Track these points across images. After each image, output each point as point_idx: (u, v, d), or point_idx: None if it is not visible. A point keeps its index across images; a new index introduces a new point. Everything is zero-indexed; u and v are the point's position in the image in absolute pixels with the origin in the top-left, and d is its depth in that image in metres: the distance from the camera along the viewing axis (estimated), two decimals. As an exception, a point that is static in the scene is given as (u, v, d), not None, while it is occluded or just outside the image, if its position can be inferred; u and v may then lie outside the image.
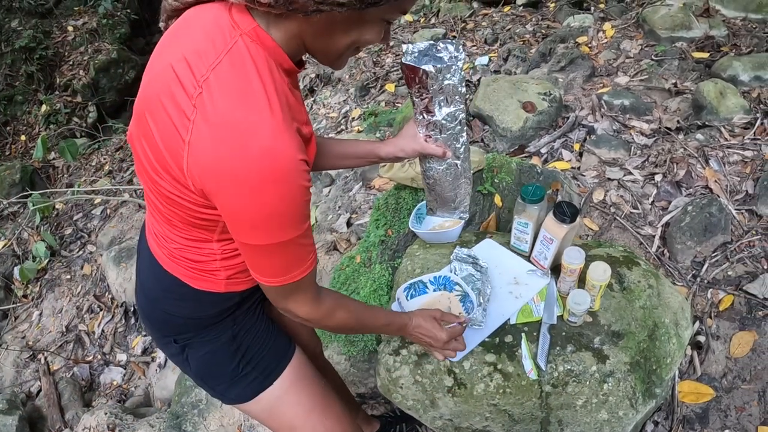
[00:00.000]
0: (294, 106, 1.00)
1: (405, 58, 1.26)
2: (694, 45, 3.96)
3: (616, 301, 1.65)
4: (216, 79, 0.89)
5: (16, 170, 5.81)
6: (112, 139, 6.54)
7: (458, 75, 1.26)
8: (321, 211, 3.51)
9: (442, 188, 1.55)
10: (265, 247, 1.00)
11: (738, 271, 2.41)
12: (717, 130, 3.08)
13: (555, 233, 1.60)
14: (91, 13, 7.88)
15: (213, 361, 1.37)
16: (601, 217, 2.76)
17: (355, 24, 0.97)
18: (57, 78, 7.20)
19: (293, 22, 0.96)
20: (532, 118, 3.33)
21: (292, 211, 0.96)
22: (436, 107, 1.31)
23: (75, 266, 4.50)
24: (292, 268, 1.06)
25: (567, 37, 4.49)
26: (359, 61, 5.35)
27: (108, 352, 3.70)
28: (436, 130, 1.38)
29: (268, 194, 0.91)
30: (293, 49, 1.01)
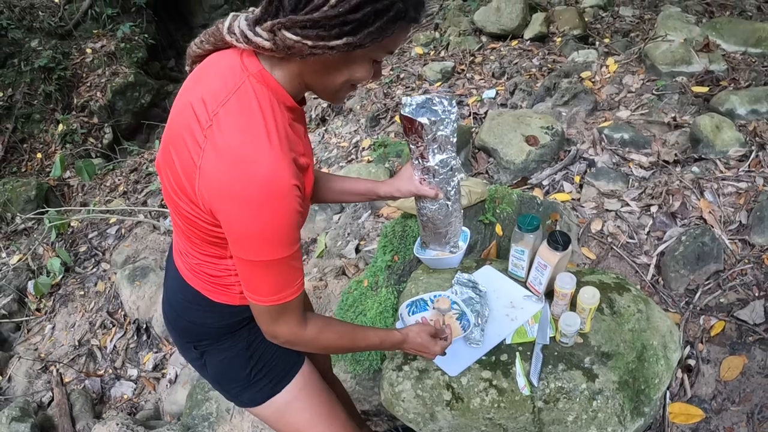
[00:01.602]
0: (292, 139, 1.13)
1: (403, 110, 1.40)
2: (693, 79, 4.06)
3: (606, 324, 1.76)
4: (225, 114, 1.05)
5: (31, 187, 5.91)
6: (126, 161, 6.65)
7: (451, 127, 1.39)
8: (331, 238, 3.61)
9: (435, 225, 1.68)
10: (260, 264, 1.12)
11: (730, 298, 2.50)
12: (713, 163, 3.18)
13: (549, 260, 1.73)
14: (110, 36, 8.06)
15: (228, 366, 1.49)
16: (599, 246, 2.86)
17: (346, 64, 1.11)
18: (74, 98, 7.32)
19: (293, 64, 1.12)
20: (534, 151, 3.45)
21: (285, 231, 1.09)
22: (430, 154, 1.44)
23: (89, 283, 4.56)
24: (282, 288, 1.16)
25: (571, 72, 4.61)
26: (370, 93, 5.48)
27: (119, 366, 3.77)
28: (429, 174, 1.50)
29: (265, 214, 1.04)
30: (295, 87, 1.17)
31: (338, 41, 1.02)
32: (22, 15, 7.44)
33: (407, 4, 1.05)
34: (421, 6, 1.10)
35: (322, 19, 0.99)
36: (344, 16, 1.00)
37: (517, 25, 5.77)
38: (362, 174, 3.74)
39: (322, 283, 3.22)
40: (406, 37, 1.15)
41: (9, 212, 5.79)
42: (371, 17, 1.01)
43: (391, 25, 1.05)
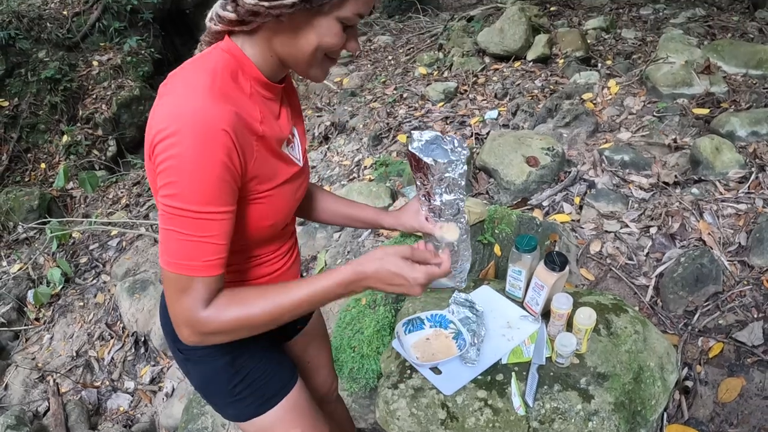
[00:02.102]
0: (244, 103, 1.11)
1: (410, 145, 1.33)
2: (694, 101, 4.09)
3: (603, 344, 1.76)
4: (179, 71, 1.10)
5: (34, 196, 5.93)
6: (130, 174, 6.68)
7: (459, 170, 1.31)
8: (330, 255, 3.62)
9: None
10: (171, 213, 1.02)
11: (728, 319, 2.50)
12: (712, 185, 3.20)
13: (545, 280, 1.74)
14: (116, 49, 8.14)
15: (211, 379, 1.46)
16: (598, 267, 2.87)
17: (312, 27, 1.08)
18: (80, 110, 7.38)
19: (262, 37, 1.13)
20: (535, 172, 3.47)
21: (203, 178, 1.01)
22: (436, 194, 1.36)
23: (88, 294, 4.57)
24: (190, 253, 1.05)
25: (573, 94, 4.64)
26: (373, 112, 5.52)
27: (116, 378, 3.77)
28: (435, 213, 1.42)
29: (185, 149, 0.99)
30: (268, 61, 1.16)
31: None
32: (30, 26, 7.51)
33: None
34: None
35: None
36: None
37: (520, 46, 5.82)
38: (363, 192, 3.76)
39: (320, 300, 3.23)
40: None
41: (11, 221, 5.82)
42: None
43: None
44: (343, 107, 6.00)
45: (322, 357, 1.96)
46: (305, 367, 1.88)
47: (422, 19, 8.65)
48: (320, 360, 1.94)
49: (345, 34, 1.12)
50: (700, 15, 6.63)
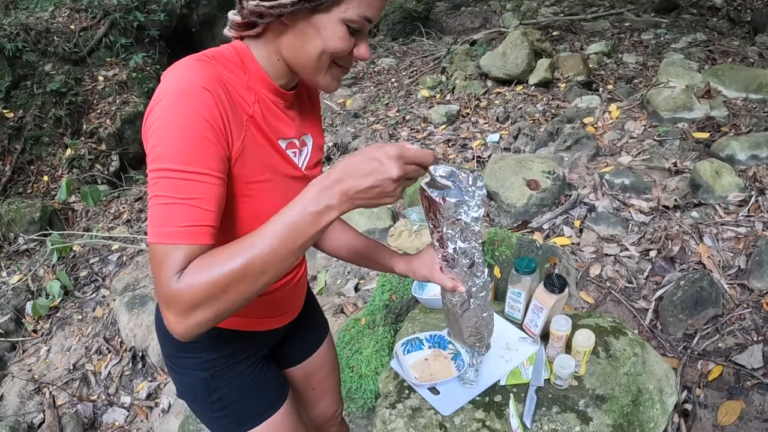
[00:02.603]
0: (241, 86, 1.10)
1: (423, 180, 1.12)
2: (695, 125, 4.12)
3: (602, 367, 1.76)
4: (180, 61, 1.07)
5: (36, 209, 5.92)
6: (132, 189, 6.68)
7: (473, 212, 1.13)
8: (330, 275, 3.63)
9: (456, 319, 1.44)
10: (154, 177, 0.95)
11: (728, 342, 2.50)
12: (712, 208, 3.21)
13: (545, 302, 1.75)
14: (122, 65, 8.17)
15: (191, 393, 1.46)
16: (597, 290, 2.88)
17: (316, 30, 1.05)
18: (84, 124, 7.38)
19: (268, 39, 1.12)
20: (535, 195, 3.48)
21: (183, 133, 0.95)
22: (448, 240, 1.19)
23: (87, 308, 4.56)
24: (171, 218, 0.94)
25: (574, 118, 4.67)
26: (375, 133, 5.56)
27: (113, 393, 3.74)
28: (448, 262, 1.27)
29: (164, 106, 0.97)
30: (278, 68, 1.15)
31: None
32: (38, 38, 7.56)
33: None
34: None
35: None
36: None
37: (523, 70, 5.86)
38: (364, 213, 3.77)
39: (321, 320, 3.24)
40: None
41: (12, 232, 5.82)
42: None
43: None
44: (346, 128, 6.04)
45: (329, 384, 1.93)
46: (310, 393, 1.86)
47: (426, 43, 8.73)
48: (327, 387, 1.92)
49: (353, 39, 1.08)
50: (700, 40, 6.69)
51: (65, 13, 8.39)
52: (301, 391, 1.82)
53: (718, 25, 7.41)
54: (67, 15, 8.36)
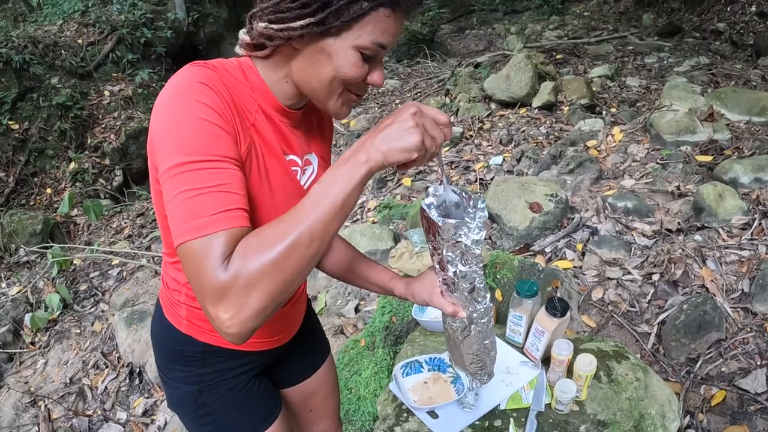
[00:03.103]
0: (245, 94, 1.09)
1: (425, 200, 1.08)
2: (698, 149, 4.13)
3: (603, 391, 1.75)
4: None
5: (38, 221, 5.92)
6: (134, 205, 6.68)
7: (474, 235, 1.07)
8: (331, 296, 3.62)
9: (456, 345, 1.39)
10: (170, 177, 0.92)
11: (731, 367, 2.49)
12: (715, 231, 3.21)
13: (546, 326, 1.74)
14: (128, 81, 8.23)
15: (179, 405, 1.45)
16: (599, 314, 2.86)
17: (327, 55, 1.02)
18: (88, 138, 7.40)
19: (279, 62, 1.10)
20: (538, 218, 3.48)
21: (190, 123, 0.94)
22: (448, 263, 1.14)
23: (86, 322, 4.53)
24: (195, 213, 0.90)
25: (577, 141, 4.68)
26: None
27: (109, 408, 3.71)
28: (448, 286, 1.22)
29: (165, 104, 0.97)
30: (284, 88, 1.13)
31: (301, 22, 0.98)
32: (45, 51, 7.62)
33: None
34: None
35: (282, 1, 0.99)
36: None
37: (526, 93, 5.89)
38: (366, 234, 3.77)
39: (320, 340, 3.23)
40: (395, 26, 1.02)
41: (13, 243, 5.82)
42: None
43: (356, 4, 0.96)
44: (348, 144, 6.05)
45: (327, 406, 1.91)
46: (307, 414, 1.84)
47: (430, 65, 8.79)
48: (324, 409, 1.90)
49: (366, 66, 1.05)
50: (703, 63, 6.73)
51: (73, 28, 8.49)
52: (297, 412, 1.80)
53: (720, 49, 7.46)
54: (75, 29, 8.46)
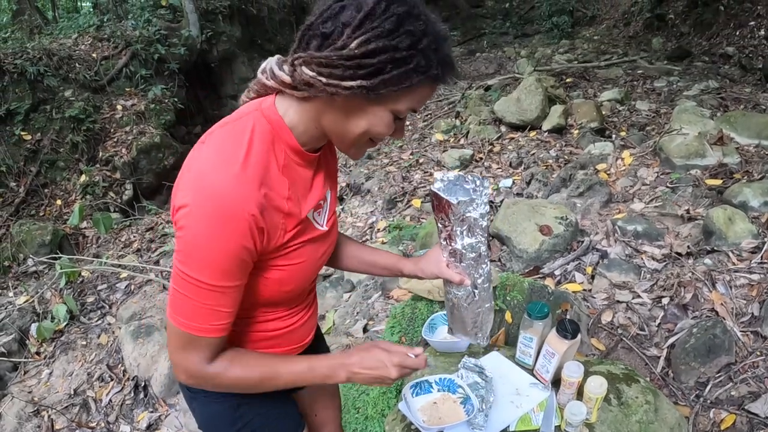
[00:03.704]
0: (275, 177, 1.13)
1: (434, 186, 1.31)
2: (707, 172, 4.13)
3: (613, 414, 1.75)
4: (217, 133, 1.12)
5: (47, 232, 5.98)
6: (144, 219, 6.71)
7: (481, 209, 1.29)
8: (339, 315, 3.63)
9: (460, 313, 1.54)
10: (183, 279, 1.07)
11: (741, 391, 2.47)
12: (725, 255, 3.20)
13: (557, 348, 1.74)
14: (141, 96, 8.34)
15: (214, 421, 1.46)
16: (609, 337, 2.86)
17: (365, 113, 1.10)
18: (100, 152, 7.49)
19: (312, 106, 1.13)
20: (547, 240, 3.48)
21: (219, 257, 1.05)
22: (457, 236, 1.34)
23: (92, 334, 4.54)
24: (198, 317, 1.11)
25: (587, 164, 4.69)
26: (389, 175, 5.59)
27: (113, 421, 3.69)
28: (456, 257, 1.40)
29: (207, 228, 1.03)
30: (310, 130, 1.17)
31: (352, 82, 1.03)
32: (60, 64, 7.71)
33: (430, 60, 1.05)
34: (449, 66, 1.10)
35: (340, 59, 1.02)
36: (360, 59, 1.01)
37: (536, 116, 5.92)
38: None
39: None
40: (430, 95, 1.14)
41: (22, 253, 5.87)
42: (388, 65, 1.02)
43: (411, 77, 1.05)
44: (360, 169, 6.08)
45: (330, 413, 1.95)
46: (312, 421, 1.87)
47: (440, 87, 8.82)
48: (328, 415, 1.93)
49: (395, 124, 1.15)
50: (713, 87, 6.75)
51: (88, 42, 8.60)
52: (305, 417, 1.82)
53: (730, 73, 7.47)
54: (90, 43, 8.58)
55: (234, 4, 10.61)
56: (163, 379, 3.62)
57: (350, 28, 1.01)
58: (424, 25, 1.04)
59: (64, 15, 11.67)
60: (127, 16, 9.76)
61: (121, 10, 10.39)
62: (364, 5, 1.01)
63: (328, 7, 1.05)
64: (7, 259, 5.94)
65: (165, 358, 3.70)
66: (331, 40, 1.03)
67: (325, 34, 1.04)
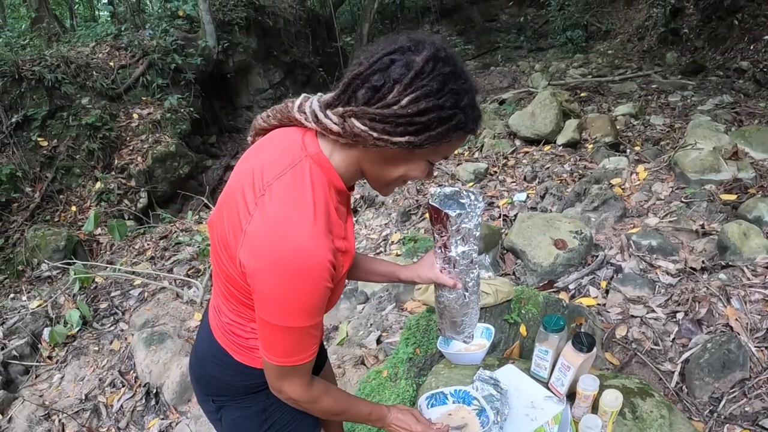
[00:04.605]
0: (335, 221, 1.20)
1: (431, 199, 1.45)
2: (722, 187, 4.12)
3: (628, 428, 1.75)
4: (278, 186, 1.14)
5: (62, 237, 6.02)
6: (158, 227, 6.72)
7: (475, 221, 1.42)
8: (353, 327, 3.63)
9: (451, 314, 1.66)
10: (280, 328, 1.17)
11: (755, 406, 2.46)
12: (740, 270, 3.18)
13: (572, 361, 1.74)
14: (157, 105, 8.42)
15: (243, 425, 1.50)
16: (623, 352, 2.85)
17: (404, 161, 1.20)
18: (115, 159, 7.54)
19: (354, 151, 1.20)
20: (562, 254, 3.49)
21: (311, 304, 1.14)
22: (452, 245, 1.46)
23: (104, 340, 4.54)
24: (296, 352, 1.22)
25: (602, 178, 4.69)
26: (403, 189, 5.59)
27: (123, 427, 3.69)
28: (450, 264, 1.51)
29: (294, 284, 1.10)
30: (350, 173, 1.24)
31: (401, 138, 1.10)
32: (77, 72, 7.79)
33: (468, 116, 1.14)
34: (479, 120, 1.19)
35: (391, 116, 1.08)
36: (411, 117, 1.08)
37: (551, 130, 5.92)
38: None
39: (340, 370, 3.22)
40: (461, 145, 1.24)
41: (36, 258, 5.91)
42: (434, 122, 1.10)
43: (452, 133, 1.14)
44: (373, 183, 6.08)
45: None
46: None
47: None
48: None
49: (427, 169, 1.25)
50: (727, 102, 6.74)
51: (105, 50, 8.70)
52: None
53: (744, 87, 7.46)
54: (107, 52, 8.68)
55: (250, 16, 10.69)
56: (175, 386, 3.63)
57: (401, 85, 1.08)
58: (465, 83, 1.13)
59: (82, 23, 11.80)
60: (144, 25, 9.87)
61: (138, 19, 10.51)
62: (414, 64, 1.08)
63: (377, 59, 1.11)
64: (22, 264, 5.98)
65: (177, 365, 3.71)
66: (381, 95, 1.10)
67: (376, 87, 1.10)
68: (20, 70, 7.19)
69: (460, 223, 1.40)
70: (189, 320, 4.41)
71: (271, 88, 11.04)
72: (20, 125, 7.08)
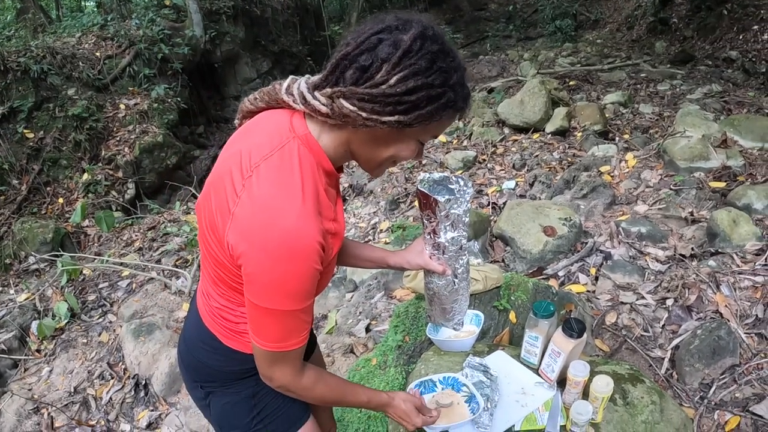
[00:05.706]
0: (324, 203, 1.19)
1: (420, 185, 1.44)
2: (711, 175, 4.13)
3: (619, 414, 1.74)
4: (265, 167, 1.12)
5: (49, 230, 5.98)
6: (146, 218, 6.68)
7: (464, 206, 1.42)
8: (342, 315, 3.62)
9: (440, 300, 1.67)
10: (269, 311, 1.15)
11: (745, 392, 2.46)
12: (729, 257, 3.19)
13: (563, 347, 1.73)
14: (144, 95, 8.33)
15: (231, 411, 1.49)
16: (613, 338, 2.85)
17: (394, 140, 1.19)
18: (102, 150, 7.46)
19: (343, 132, 1.18)
20: (551, 242, 3.48)
21: (300, 286, 1.13)
22: (441, 231, 1.46)
23: (93, 332, 4.51)
24: (286, 337, 1.20)
25: (591, 166, 4.68)
26: (392, 176, 5.58)
27: (113, 419, 3.66)
28: (439, 250, 1.51)
29: (284, 265, 1.09)
30: (339, 154, 1.23)
31: (390, 117, 1.09)
32: (63, 63, 7.70)
33: (457, 94, 1.13)
34: (469, 98, 1.19)
35: (380, 95, 1.07)
36: (400, 96, 1.07)
37: (540, 118, 5.92)
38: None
39: (330, 359, 3.21)
40: (450, 123, 1.22)
41: (23, 251, 5.85)
42: (424, 101, 1.09)
43: (441, 111, 1.13)
44: (362, 170, 6.06)
45: None
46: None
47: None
48: None
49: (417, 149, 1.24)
50: (716, 91, 6.76)
51: (92, 40, 8.60)
52: None
53: (733, 77, 7.48)
54: (94, 42, 8.57)
55: (238, 5, 10.59)
56: (164, 377, 3.61)
57: (389, 64, 1.07)
58: (453, 61, 1.12)
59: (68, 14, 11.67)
60: (131, 15, 9.76)
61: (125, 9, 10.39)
62: (402, 43, 1.07)
63: (365, 39, 1.09)
64: (9, 257, 5.92)
65: (166, 356, 3.69)
66: (369, 74, 1.09)
67: (364, 67, 1.09)
68: (6, 62, 7.09)
69: (449, 208, 1.40)
70: (177, 311, 4.38)
71: (259, 77, 10.96)
72: (6, 117, 6.98)
